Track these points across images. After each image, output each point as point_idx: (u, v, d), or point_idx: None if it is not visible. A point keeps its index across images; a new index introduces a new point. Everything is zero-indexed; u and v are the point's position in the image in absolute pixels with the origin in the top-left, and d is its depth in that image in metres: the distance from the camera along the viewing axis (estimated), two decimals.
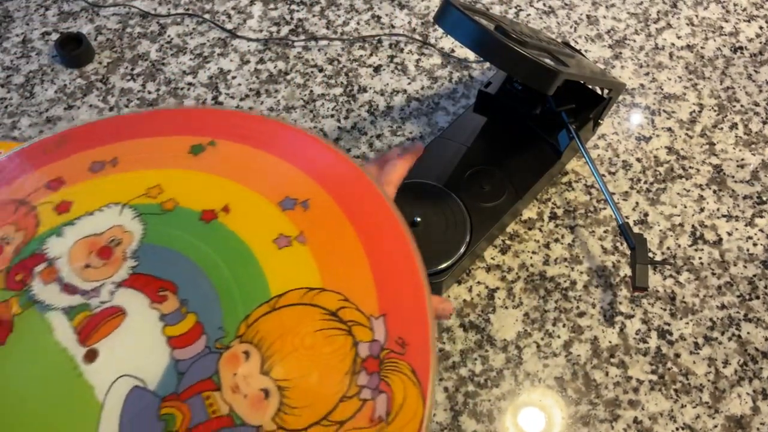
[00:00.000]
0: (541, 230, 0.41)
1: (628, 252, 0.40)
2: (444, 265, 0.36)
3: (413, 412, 0.22)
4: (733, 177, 0.43)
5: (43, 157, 0.28)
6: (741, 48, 0.49)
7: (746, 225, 0.41)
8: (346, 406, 0.22)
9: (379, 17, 0.50)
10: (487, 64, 0.48)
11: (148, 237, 0.25)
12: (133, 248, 0.25)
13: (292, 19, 0.50)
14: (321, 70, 0.47)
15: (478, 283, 0.39)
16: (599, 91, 0.41)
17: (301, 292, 0.24)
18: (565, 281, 0.39)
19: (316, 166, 0.28)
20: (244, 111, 0.30)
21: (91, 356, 0.23)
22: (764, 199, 0.42)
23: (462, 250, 0.36)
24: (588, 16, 0.50)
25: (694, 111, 0.46)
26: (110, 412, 0.21)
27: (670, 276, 0.39)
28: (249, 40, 0.49)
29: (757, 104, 0.46)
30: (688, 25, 0.50)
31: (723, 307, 0.38)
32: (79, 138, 0.28)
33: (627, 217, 0.41)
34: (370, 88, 0.46)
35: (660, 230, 0.41)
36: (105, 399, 0.22)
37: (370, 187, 0.27)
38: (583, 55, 0.42)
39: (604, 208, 0.41)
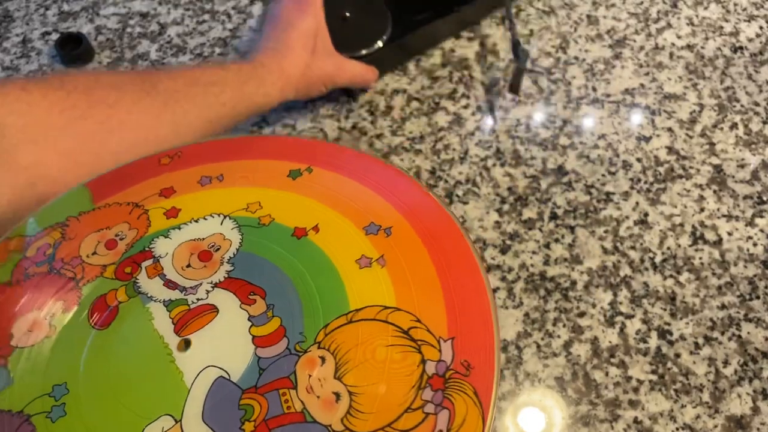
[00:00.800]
0: (541, 230, 0.41)
1: (629, 252, 0.40)
2: (365, 51, 0.45)
3: (473, 430, 0.23)
4: (733, 177, 0.43)
5: (158, 168, 0.31)
6: (741, 48, 0.49)
7: (746, 225, 0.41)
8: (410, 417, 0.23)
9: None
10: (486, 65, 0.48)
11: (245, 246, 0.28)
12: (230, 254, 0.28)
13: None
14: None
15: None
16: None
17: (376, 309, 0.26)
18: (565, 281, 0.39)
19: (401, 198, 0.31)
20: (341, 144, 0.35)
21: (184, 345, 0.25)
22: (764, 199, 0.42)
23: (385, 38, 0.46)
24: (588, 16, 0.50)
25: (694, 111, 0.46)
26: (196, 396, 0.24)
27: (671, 276, 0.39)
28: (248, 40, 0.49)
29: (757, 104, 0.46)
30: (688, 25, 0.50)
31: (723, 307, 0.38)
32: (192, 154, 0.32)
33: (627, 217, 0.41)
34: (370, 88, 0.46)
35: (660, 230, 0.41)
36: (192, 384, 0.24)
37: (451, 223, 0.29)
38: None
39: (605, 208, 0.41)
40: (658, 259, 0.40)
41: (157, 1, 0.51)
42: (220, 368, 0.25)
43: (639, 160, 0.43)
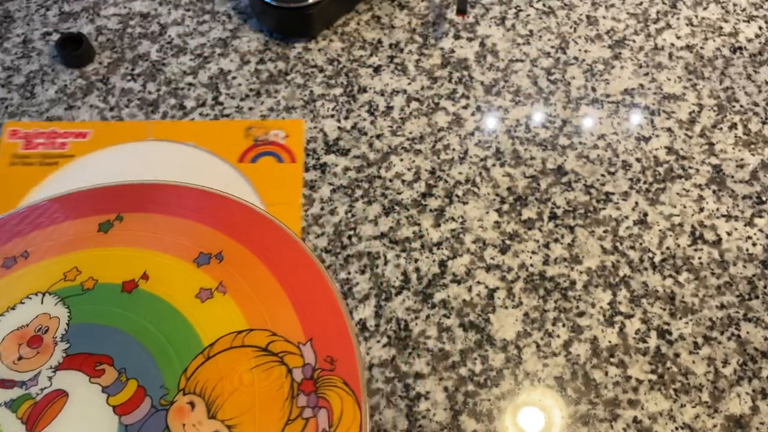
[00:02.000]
0: (540, 230, 0.41)
1: (628, 252, 0.40)
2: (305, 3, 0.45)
3: (352, 417, 0.24)
4: (732, 177, 0.43)
5: None
6: (740, 48, 0.49)
7: (746, 225, 0.41)
8: (292, 427, 0.24)
9: (379, 17, 0.50)
10: (486, 65, 0.48)
11: (75, 318, 0.26)
12: (61, 332, 0.26)
13: None
14: (321, 71, 0.47)
15: (478, 282, 0.39)
16: None
17: (230, 337, 0.26)
18: (564, 281, 0.39)
19: (223, 219, 0.30)
20: (143, 181, 0.32)
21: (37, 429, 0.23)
22: (764, 199, 0.42)
23: None
24: (588, 17, 0.50)
25: (693, 111, 0.46)
26: None
27: (670, 276, 0.39)
28: (249, 40, 0.49)
29: (756, 104, 0.46)
30: (687, 25, 0.50)
31: (722, 306, 0.38)
32: None
33: (626, 217, 0.41)
34: (370, 88, 0.47)
35: (659, 230, 0.41)
36: None
37: (278, 229, 0.29)
38: None
39: (604, 208, 0.41)
40: (657, 259, 0.40)
41: (157, 2, 0.51)
42: None
43: (638, 160, 0.44)
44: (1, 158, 0.41)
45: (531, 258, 0.40)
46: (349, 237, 0.40)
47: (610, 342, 0.37)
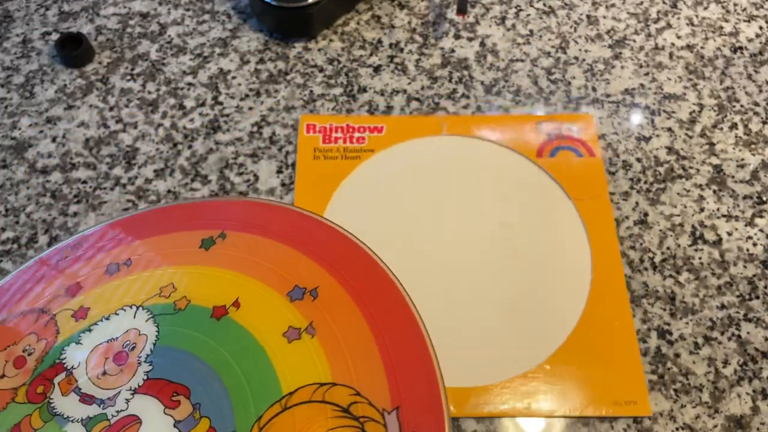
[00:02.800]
0: None
1: (628, 252, 0.40)
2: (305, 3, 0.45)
3: None
4: (733, 177, 0.43)
5: (60, 263, 0.28)
6: (741, 48, 0.49)
7: (746, 225, 0.41)
8: None
9: (379, 17, 0.50)
10: (486, 65, 0.48)
11: (162, 339, 0.26)
12: (146, 352, 0.25)
13: None
14: (321, 70, 0.47)
15: None
16: None
17: (312, 389, 0.24)
18: None
19: (323, 250, 0.28)
20: (252, 199, 0.31)
21: None
22: (764, 199, 0.42)
23: None
24: (588, 16, 0.50)
25: (694, 111, 0.46)
26: None
27: (670, 276, 0.39)
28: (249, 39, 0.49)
29: (757, 104, 0.46)
30: (688, 25, 0.50)
31: (723, 307, 0.38)
32: (94, 240, 0.29)
33: (626, 217, 0.41)
34: (370, 88, 0.47)
35: (660, 230, 0.41)
36: None
37: (380, 271, 0.27)
38: None
39: None
40: (657, 259, 0.40)
41: (157, 2, 0.51)
42: None
43: (639, 160, 0.43)
44: (304, 152, 0.42)
45: None
46: None
47: None
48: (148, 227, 0.29)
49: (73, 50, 0.47)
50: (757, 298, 0.38)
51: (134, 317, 0.26)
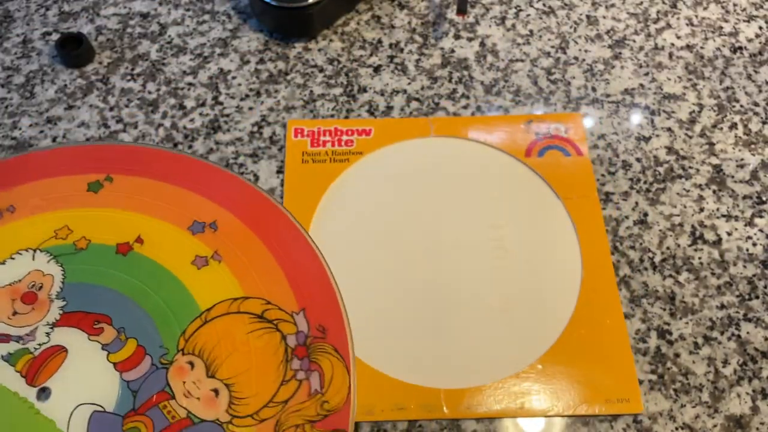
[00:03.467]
0: None
1: (628, 252, 0.40)
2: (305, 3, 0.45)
3: (341, 381, 0.26)
4: (732, 177, 0.43)
5: None
6: (740, 48, 0.49)
7: (746, 225, 0.41)
8: (287, 388, 0.26)
9: (379, 17, 0.50)
10: (486, 65, 0.48)
11: (69, 277, 0.27)
12: (56, 289, 0.26)
13: None
14: (321, 70, 0.47)
15: None
16: None
17: (227, 303, 0.27)
18: None
19: (214, 189, 0.30)
20: (133, 144, 0.32)
21: (43, 394, 0.24)
22: (764, 199, 0.42)
23: None
24: (588, 17, 0.50)
25: (693, 111, 0.46)
26: None
27: (670, 276, 0.39)
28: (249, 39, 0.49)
29: (756, 104, 0.46)
30: (687, 25, 0.50)
31: (722, 306, 0.38)
32: None
33: (626, 217, 0.41)
34: (370, 88, 0.47)
35: (660, 230, 0.41)
36: (68, 428, 0.24)
37: (268, 202, 0.30)
38: None
39: (604, 208, 0.41)
40: (657, 259, 0.40)
41: (157, 2, 0.51)
42: (92, 404, 0.24)
43: (638, 160, 0.43)
44: (292, 156, 0.43)
45: None
46: None
47: None
48: (28, 172, 0.30)
49: (73, 50, 0.47)
50: (757, 298, 0.38)
51: (33, 259, 0.27)
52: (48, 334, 0.26)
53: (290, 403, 0.25)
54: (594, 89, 0.47)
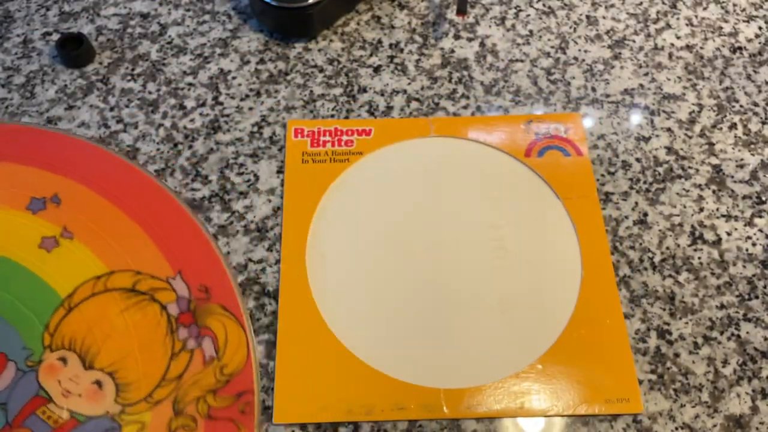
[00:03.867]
0: None
1: (628, 252, 0.40)
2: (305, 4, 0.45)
3: (238, 339, 0.24)
4: (732, 177, 0.43)
5: None
6: (740, 48, 0.49)
7: (745, 225, 0.41)
8: (178, 361, 0.23)
9: (379, 17, 0.50)
10: (486, 66, 0.48)
11: None
12: None
13: None
14: (321, 71, 0.47)
15: None
16: None
17: (91, 284, 0.25)
18: None
19: (53, 158, 0.27)
20: None
21: None
22: (763, 199, 0.42)
23: None
24: (587, 17, 0.51)
25: (693, 111, 0.46)
26: None
27: (670, 276, 0.39)
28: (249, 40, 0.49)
29: (756, 104, 0.46)
30: (687, 25, 0.50)
31: (722, 306, 0.38)
32: None
33: (626, 217, 0.41)
34: (370, 88, 0.47)
35: (659, 230, 0.41)
36: None
37: (123, 163, 0.27)
38: None
39: (604, 208, 0.41)
40: (657, 259, 0.40)
41: (157, 2, 0.51)
42: None
43: (638, 160, 0.44)
44: (292, 156, 0.43)
45: None
46: None
47: None
48: None
49: (73, 50, 0.47)
50: (757, 298, 0.38)
51: None
52: None
53: (185, 376, 0.23)
54: (594, 89, 0.47)
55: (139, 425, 0.22)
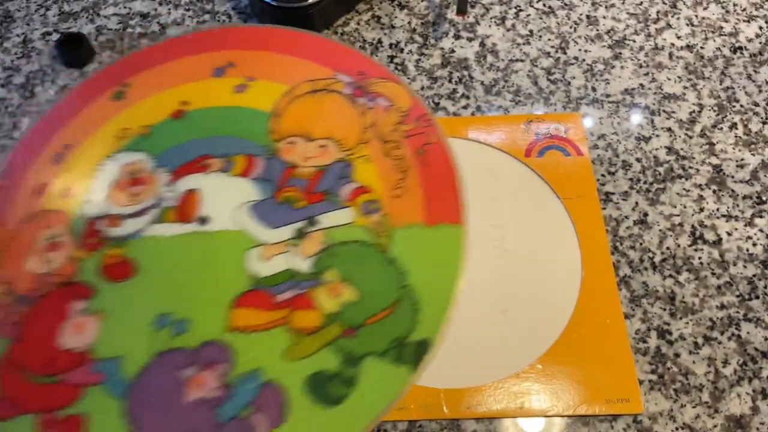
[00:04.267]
0: None
1: (628, 252, 0.40)
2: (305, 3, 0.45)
3: (398, 90, 0.32)
4: (732, 177, 0.43)
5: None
6: (740, 48, 0.49)
7: (746, 225, 0.41)
8: (366, 116, 0.31)
9: (379, 17, 0.50)
10: (486, 65, 0.48)
11: (152, 151, 0.30)
12: (151, 165, 0.30)
13: None
14: None
15: None
16: None
17: (285, 98, 0.33)
18: None
19: (229, 41, 0.35)
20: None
21: (204, 221, 0.28)
22: (764, 199, 0.42)
23: None
24: (588, 17, 0.50)
25: (693, 111, 0.46)
26: (247, 227, 0.27)
27: (670, 276, 0.39)
28: None
29: (756, 104, 0.46)
30: (687, 25, 0.50)
31: (722, 306, 0.38)
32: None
33: (626, 217, 0.41)
34: None
35: (660, 230, 0.41)
36: (241, 225, 0.27)
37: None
38: None
39: (604, 208, 0.41)
40: (657, 259, 0.40)
41: (157, 2, 0.51)
42: (243, 203, 0.28)
43: (638, 160, 0.43)
44: None
45: None
46: None
47: None
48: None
49: (73, 50, 0.47)
50: (757, 298, 0.38)
51: (110, 159, 0.30)
52: (171, 190, 0.28)
53: (377, 122, 0.30)
54: (594, 89, 0.47)
55: (365, 157, 0.29)
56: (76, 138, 0.30)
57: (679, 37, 0.50)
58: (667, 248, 0.40)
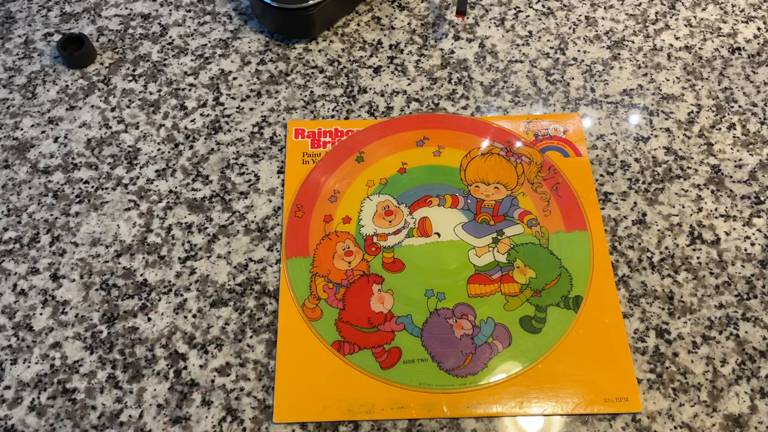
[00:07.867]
0: None
1: (627, 252, 0.40)
2: (306, 5, 0.46)
3: (533, 152, 0.44)
4: (731, 177, 0.43)
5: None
6: (739, 49, 0.49)
7: (744, 225, 0.41)
8: (518, 168, 0.43)
9: (379, 18, 0.50)
10: (485, 66, 0.48)
11: (394, 193, 0.42)
12: (395, 203, 0.42)
13: None
14: (321, 71, 0.48)
15: None
16: None
17: (483, 157, 0.44)
18: None
19: (434, 124, 0.46)
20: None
21: (438, 235, 0.40)
22: (762, 199, 0.42)
23: None
24: (587, 17, 0.51)
25: (692, 111, 0.46)
26: (464, 238, 0.40)
27: (669, 276, 0.39)
28: (250, 41, 0.49)
29: (755, 105, 0.46)
30: (686, 26, 0.50)
31: (721, 306, 0.38)
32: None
33: (625, 217, 0.41)
34: (370, 88, 0.47)
35: (658, 230, 0.41)
36: (458, 237, 0.40)
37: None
38: None
39: (603, 208, 0.42)
40: (656, 259, 0.40)
41: (158, 3, 0.51)
42: (457, 224, 0.41)
43: (637, 160, 0.44)
44: (293, 157, 0.44)
45: None
46: None
47: None
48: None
49: (74, 51, 0.47)
50: (755, 297, 0.39)
51: (372, 200, 0.42)
52: (412, 217, 0.41)
53: (525, 172, 0.43)
54: (593, 90, 0.47)
55: (522, 193, 0.42)
56: (341, 186, 0.42)
57: (677, 38, 0.50)
58: (666, 248, 0.40)
